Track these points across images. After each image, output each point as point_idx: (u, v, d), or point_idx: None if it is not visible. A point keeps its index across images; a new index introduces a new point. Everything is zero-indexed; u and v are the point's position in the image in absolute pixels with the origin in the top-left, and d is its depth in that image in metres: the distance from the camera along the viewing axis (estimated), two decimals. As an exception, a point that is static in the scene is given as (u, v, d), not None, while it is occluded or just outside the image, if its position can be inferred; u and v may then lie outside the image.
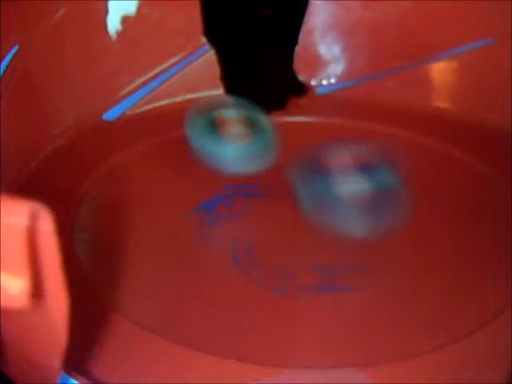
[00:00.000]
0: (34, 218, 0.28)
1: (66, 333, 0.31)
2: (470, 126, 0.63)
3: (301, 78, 0.67)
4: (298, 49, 0.66)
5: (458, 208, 0.56)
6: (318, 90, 0.67)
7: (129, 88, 0.64)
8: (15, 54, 0.58)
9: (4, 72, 0.57)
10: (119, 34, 0.63)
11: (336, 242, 0.53)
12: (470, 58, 0.65)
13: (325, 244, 0.53)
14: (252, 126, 0.57)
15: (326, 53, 0.67)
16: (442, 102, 0.66)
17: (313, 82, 0.67)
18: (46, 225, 0.29)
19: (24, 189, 0.55)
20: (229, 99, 0.60)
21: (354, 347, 0.44)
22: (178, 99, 0.66)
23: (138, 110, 0.65)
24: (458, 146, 0.62)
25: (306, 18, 0.66)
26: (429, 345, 0.43)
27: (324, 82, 0.68)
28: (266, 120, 0.59)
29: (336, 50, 0.67)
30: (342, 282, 0.49)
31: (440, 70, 0.66)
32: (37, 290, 0.29)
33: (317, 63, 0.67)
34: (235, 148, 0.56)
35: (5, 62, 0.57)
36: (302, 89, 0.68)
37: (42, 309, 0.30)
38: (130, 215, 0.56)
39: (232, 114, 0.58)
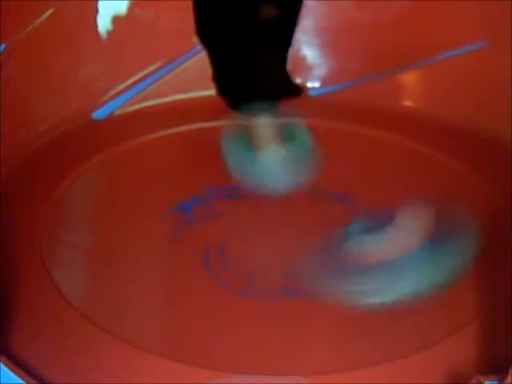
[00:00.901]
0: None
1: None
2: (462, 130, 0.62)
3: (294, 79, 0.67)
4: (291, 50, 0.66)
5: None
6: (311, 92, 0.67)
7: (119, 88, 0.64)
8: (1, 53, 0.59)
9: (-11, 70, 0.58)
10: (110, 33, 0.64)
11: (309, 247, 0.52)
12: (465, 61, 0.63)
13: (298, 249, 0.52)
14: (288, 138, 0.57)
15: (319, 55, 0.67)
16: (434, 106, 0.64)
17: (306, 84, 0.67)
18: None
19: (5, 185, 0.56)
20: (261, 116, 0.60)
21: (307, 355, 0.43)
22: (168, 99, 0.66)
23: (127, 110, 0.65)
24: (449, 150, 0.60)
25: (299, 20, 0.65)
26: (380, 356, 0.42)
27: (317, 85, 0.67)
28: (303, 130, 0.59)
29: (329, 52, 0.66)
30: (309, 288, 0.49)
31: (433, 73, 0.65)
32: None
33: (309, 65, 0.67)
34: (273, 164, 0.56)
35: (-9, 61, 0.58)
36: (295, 91, 0.67)
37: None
38: (108, 214, 0.56)
39: (266, 128, 0.58)
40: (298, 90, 0.67)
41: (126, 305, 0.48)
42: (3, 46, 0.59)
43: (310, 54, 0.67)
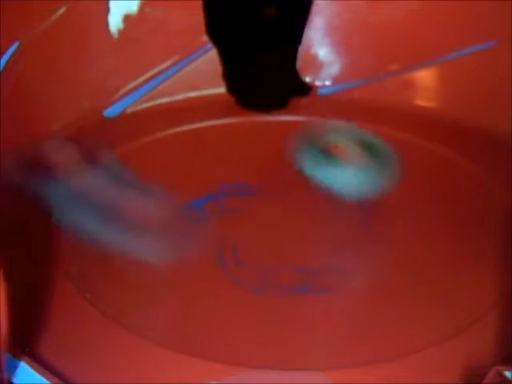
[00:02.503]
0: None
1: (6, 317, 0.31)
2: (472, 130, 0.62)
3: (304, 78, 0.67)
4: (301, 49, 0.66)
5: (444, 211, 0.55)
6: (321, 91, 0.67)
7: (130, 86, 0.65)
8: (15, 51, 0.59)
9: (4, 68, 0.58)
10: (121, 32, 0.64)
11: (322, 244, 0.53)
12: (475, 60, 0.64)
13: (311, 246, 0.53)
14: (368, 149, 0.56)
15: (330, 53, 0.67)
16: (444, 105, 0.65)
17: (316, 83, 0.67)
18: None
19: (20, 183, 0.56)
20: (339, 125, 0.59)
21: (324, 350, 0.44)
22: (180, 97, 0.66)
23: (139, 108, 0.65)
24: (459, 149, 0.61)
25: (309, 18, 0.66)
26: (397, 350, 0.43)
27: (327, 83, 0.67)
28: (381, 143, 0.57)
29: (339, 50, 0.67)
30: (322, 284, 0.49)
31: (443, 71, 0.65)
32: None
33: (320, 64, 0.67)
34: (354, 173, 0.55)
35: (4, 59, 0.58)
36: (304, 89, 0.67)
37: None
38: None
39: (344, 138, 0.57)
40: (307, 88, 0.68)
41: (142, 302, 0.48)
42: (17, 44, 0.59)
43: (320, 53, 0.67)
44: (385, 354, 0.42)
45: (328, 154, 0.56)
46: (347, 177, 0.55)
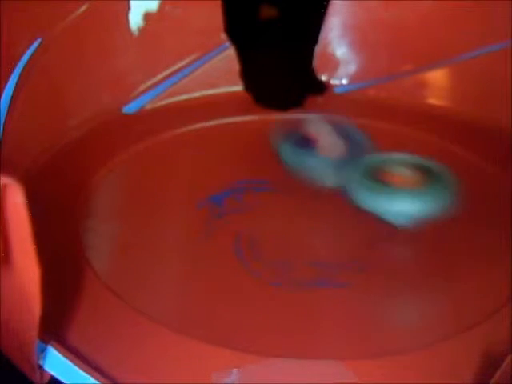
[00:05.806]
0: (3, 190, 0.30)
1: (39, 302, 0.32)
2: (485, 128, 0.63)
3: (320, 76, 0.68)
4: (317, 48, 0.67)
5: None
6: (337, 89, 0.68)
7: (149, 83, 0.66)
8: (37, 48, 0.60)
9: (25, 64, 0.59)
10: (141, 30, 0.65)
11: (338, 239, 0.54)
12: (490, 59, 0.64)
13: (328, 241, 0.54)
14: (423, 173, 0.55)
15: (346, 53, 0.68)
16: (458, 104, 0.66)
17: (332, 82, 0.68)
18: (17, 198, 0.30)
19: (38, 177, 0.57)
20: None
21: (341, 341, 0.44)
22: (198, 94, 0.67)
23: (157, 104, 0.66)
24: (472, 147, 0.62)
25: (325, 18, 0.66)
26: (416, 341, 0.43)
27: (343, 82, 0.68)
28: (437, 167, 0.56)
29: (355, 50, 0.68)
30: (338, 278, 0.50)
31: (457, 71, 0.66)
32: (5, 259, 0.30)
33: (336, 63, 0.68)
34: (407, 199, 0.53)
35: (26, 55, 0.59)
36: (320, 88, 0.68)
37: (13, 278, 0.32)
38: (140, 206, 0.57)
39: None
40: (323, 87, 0.69)
41: (160, 290, 0.49)
42: (39, 41, 0.60)
43: (337, 52, 0.68)
44: (403, 344, 0.43)
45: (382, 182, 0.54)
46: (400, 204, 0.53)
